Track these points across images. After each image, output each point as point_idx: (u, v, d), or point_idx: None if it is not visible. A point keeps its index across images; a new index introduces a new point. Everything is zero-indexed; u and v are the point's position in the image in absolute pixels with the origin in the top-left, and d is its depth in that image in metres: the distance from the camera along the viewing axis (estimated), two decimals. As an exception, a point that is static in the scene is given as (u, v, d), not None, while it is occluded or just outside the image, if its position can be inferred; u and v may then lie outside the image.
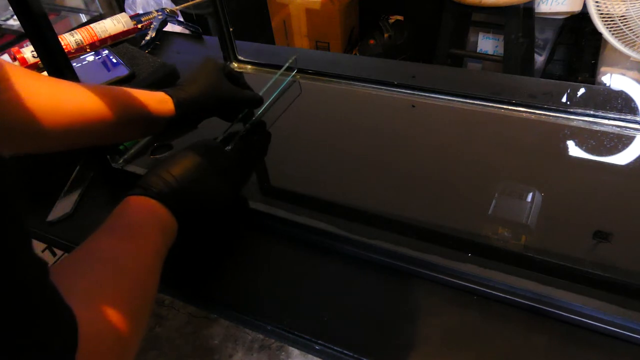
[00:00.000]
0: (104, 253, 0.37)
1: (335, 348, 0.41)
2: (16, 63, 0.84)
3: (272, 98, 0.70)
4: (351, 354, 0.40)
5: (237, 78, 0.61)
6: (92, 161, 0.62)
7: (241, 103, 0.62)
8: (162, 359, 1.24)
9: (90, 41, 0.87)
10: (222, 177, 0.48)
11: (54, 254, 1.19)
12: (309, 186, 0.58)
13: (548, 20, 1.57)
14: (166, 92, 0.54)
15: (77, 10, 1.25)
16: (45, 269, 0.25)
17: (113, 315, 0.32)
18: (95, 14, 1.13)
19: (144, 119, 0.51)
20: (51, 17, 0.99)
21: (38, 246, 0.61)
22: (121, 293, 0.34)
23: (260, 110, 0.67)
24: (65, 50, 0.66)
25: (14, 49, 0.84)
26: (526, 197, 0.51)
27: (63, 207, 0.57)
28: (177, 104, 0.53)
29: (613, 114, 0.60)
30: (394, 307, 0.43)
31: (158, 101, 0.52)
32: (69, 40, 0.85)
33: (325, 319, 0.43)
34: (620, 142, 0.58)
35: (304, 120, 0.70)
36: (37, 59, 0.83)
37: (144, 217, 0.42)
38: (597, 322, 0.40)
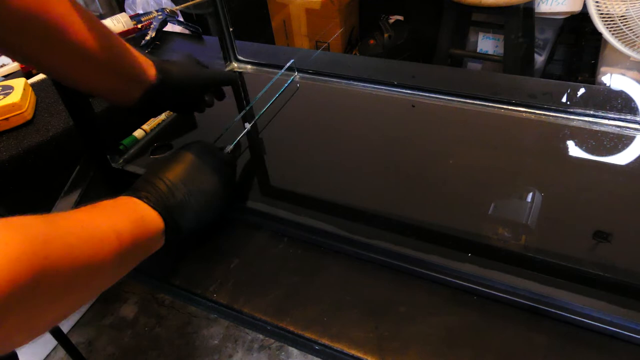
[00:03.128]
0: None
1: (335, 348, 0.41)
2: (16, 64, 0.84)
3: (273, 100, 0.70)
4: (351, 354, 0.40)
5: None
6: (92, 161, 0.62)
7: (218, 80, 0.61)
8: (162, 359, 1.24)
9: (90, 41, 0.87)
10: (218, 180, 0.48)
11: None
12: (309, 186, 0.58)
13: (548, 20, 1.57)
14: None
15: (77, 10, 1.24)
16: None
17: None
18: (96, 14, 1.13)
19: (130, 68, 0.49)
20: (51, 17, 0.98)
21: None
22: (30, 231, 0.30)
23: (261, 112, 0.68)
24: (65, 50, 0.66)
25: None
26: (526, 197, 0.51)
27: (63, 207, 0.57)
28: (159, 68, 0.52)
29: (613, 114, 0.60)
30: (394, 307, 0.43)
31: (144, 59, 0.51)
32: (69, 40, 0.85)
33: (325, 319, 0.43)
34: (620, 142, 0.58)
35: (304, 120, 0.70)
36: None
37: (114, 204, 0.40)
38: (597, 322, 0.40)
